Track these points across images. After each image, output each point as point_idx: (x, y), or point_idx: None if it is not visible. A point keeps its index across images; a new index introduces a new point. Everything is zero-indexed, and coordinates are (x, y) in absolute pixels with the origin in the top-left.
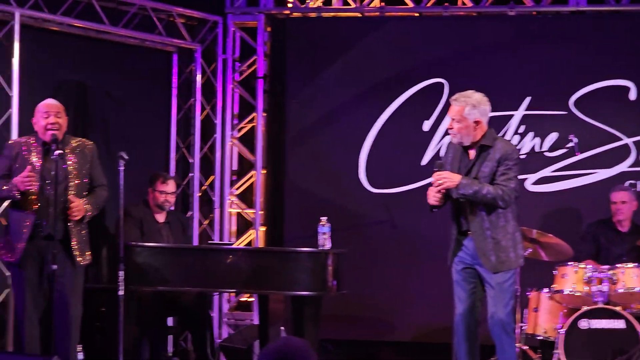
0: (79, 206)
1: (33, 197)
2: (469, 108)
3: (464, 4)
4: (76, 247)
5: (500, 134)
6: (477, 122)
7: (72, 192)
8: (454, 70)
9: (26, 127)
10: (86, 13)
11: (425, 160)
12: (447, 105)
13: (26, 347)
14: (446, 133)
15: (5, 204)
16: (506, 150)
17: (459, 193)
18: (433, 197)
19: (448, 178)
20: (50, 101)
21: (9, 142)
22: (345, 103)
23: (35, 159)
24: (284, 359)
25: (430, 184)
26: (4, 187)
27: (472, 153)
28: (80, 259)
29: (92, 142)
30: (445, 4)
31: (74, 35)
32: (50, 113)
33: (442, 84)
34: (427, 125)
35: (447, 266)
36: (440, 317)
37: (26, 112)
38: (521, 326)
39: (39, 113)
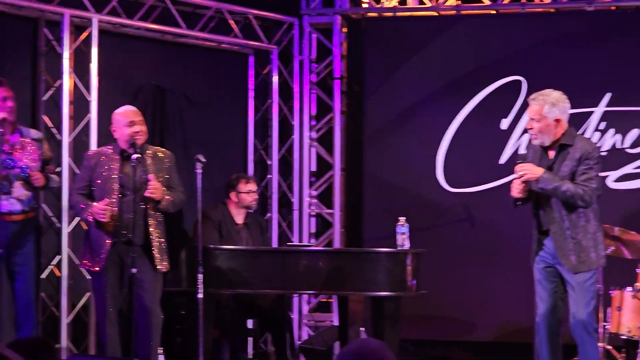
0: (157, 185)
1: (113, 204)
2: (548, 106)
3: (541, 0)
4: (156, 252)
5: (580, 131)
6: (557, 121)
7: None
8: (531, 68)
9: (105, 132)
10: (163, 17)
11: (503, 159)
12: (525, 103)
13: (107, 350)
14: (525, 131)
15: None
16: (586, 149)
17: (539, 187)
18: (516, 189)
19: (530, 170)
20: (132, 109)
21: (88, 152)
22: (423, 102)
23: (114, 166)
24: None
25: (511, 181)
26: (81, 206)
27: (552, 153)
28: (160, 264)
29: (169, 150)
30: (522, 0)
31: (151, 40)
32: (135, 121)
33: (519, 82)
34: (505, 124)
35: (527, 265)
36: (521, 316)
37: (105, 117)
38: (604, 325)
39: (120, 122)
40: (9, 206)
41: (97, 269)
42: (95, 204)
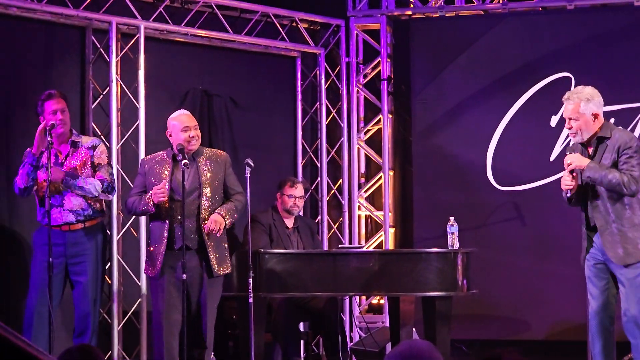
0: (216, 219)
1: (166, 208)
2: (584, 103)
3: None
4: (212, 256)
5: (630, 127)
6: (595, 115)
7: (205, 202)
8: (580, 64)
9: (153, 139)
10: (209, 23)
11: (553, 156)
12: None
13: (165, 356)
14: None
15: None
16: (624, 139)
17: (586, 176)
18: (565, 182)
19: (577, 159)
20: (187, 113)
21: (143, 158)
22: (471, 101)
23: (165, 171)
24: None
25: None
26: (141, 203)
27: (591, 149)
28: (217, 268)
29: (225, 152)
30: None
31: (197, 45)
32: (190, 126)
33: (569, 78)
34: (554, 121)
35: (578, 262)
36: (574, 314)
37: (153, 124)
38: None
39: (175, 127)
40: (62, 218)
41: (153, 274)
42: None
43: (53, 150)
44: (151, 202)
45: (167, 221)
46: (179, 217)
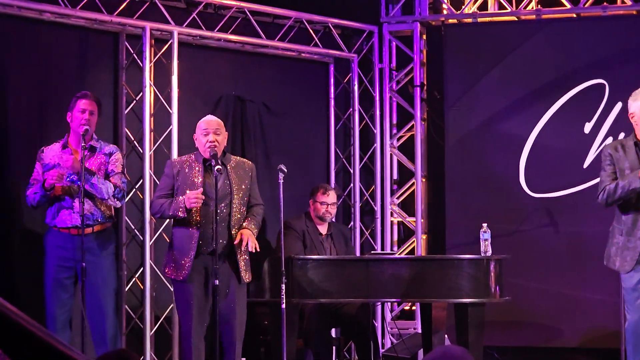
0: (250, 239)
1: (196, 213)
2: None
3: (623, 2)
4: (242, 264)
5: None
6: None
7: (235, 208)
8: (614, 71)
9: (186, 144)
10: (242, 28)
11: (587, 163)
12: (609, 107)
13: None
14: (607, 135)
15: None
16: None
17: None
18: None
19: None
20: (209, 118)
21: (171, 160)
22: (505, 108)
23: (196, 176)
24: None
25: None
26: (171, 207)
27: None
28: (245, 275)
29: (251, 161)
30: (604, 3)
31: (231, 51)
32: (209, 130)
33: (603, 85)
34: (588, 128)
35: (611, 269)
36: (607, 321)
37: (186, 129)
38: None
39: (199, 130)
40: (72, 220)
41: (180, 278)
42: (183, 196)
43: (69, 150)
44: (183, 207)
45: (199, 226)
46: (210, 223)
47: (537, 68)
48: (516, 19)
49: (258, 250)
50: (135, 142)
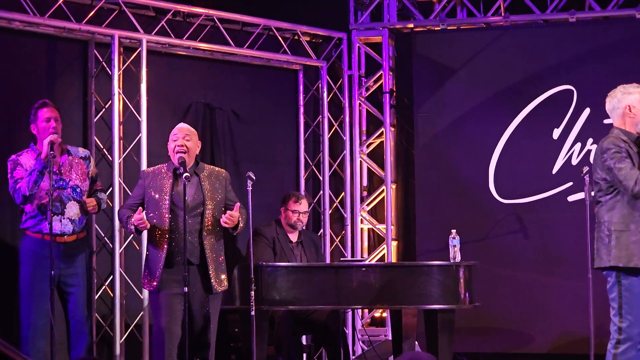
0: (235, 216)
1: (159, 231)
2: None
3: (590, 8)
4: (212, 273)
5: None
6: None
7: (207, 217)
8: (582, 77)
9: (155, 151)
10: (211, 36)
11: (555, 169)
12: (577, 112)
13: None
14: (576, 141)
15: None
16: None
17: None
18: None
19: None
20: (181, 125)
21: (143, 170)
22: (473, 114)
23: (166, 184)
24: None
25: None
26: (126, 218)
27: None
28: (216, 284)
29: (225, 170)
30: (572, 9)
31: (200, 59)
32: (178, 136)
33: (571, 91)
34: (556, 134)
35: (581, 275)
36: (577, 327)
37: (155, 137)
38: None
39: (170, 137)
40: (61, 227)
41: (151, 288)
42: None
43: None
44: (133, 228)
45: (167, 235)
46: (181, 232)
47: (505, 74)
48: (484, 26)
49: (227, 224)
50: (104, 150)
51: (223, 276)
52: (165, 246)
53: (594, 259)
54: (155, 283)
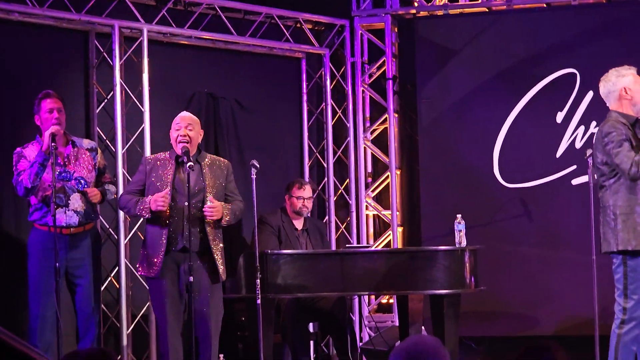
0: (215, 205)
1: (165, 212)
2: None
3: None
4: (219, 261)
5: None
6: None
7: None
8: (585, 60)
9: (159, 142)
10: (213, 25)
11: (559, 153)
12: (580, 96)
13: (171, 358)
14: (579, 124)
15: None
16: None
17: None
18: None
19: None
20: (184, 114)
21: (145, 156)
22: (477, 99)
23: (168, 172)
24: (414, 358)
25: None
26: (137, 206)
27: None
28: (222, 272)
29: (225, 158)
30: None
31: (202, 48)
32: (181, 125)
33: (574, 74)
34: (560, 117)
35: (585, 258)
36: (582, 309)
37: (158, 127)
38: None
39: (173, 125)
40: (66, 219)
41: (152, 275)
42: (150, 196)
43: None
44: (148, 208)
45: (168, 222)
46: (180, 220)
47: (508, 59)
48: (487, 10)
49: (212, 217)
50: (107, 141)
51: (222, 264)
52: (166, 233)
53: (602, 243)
54: (155, 270)
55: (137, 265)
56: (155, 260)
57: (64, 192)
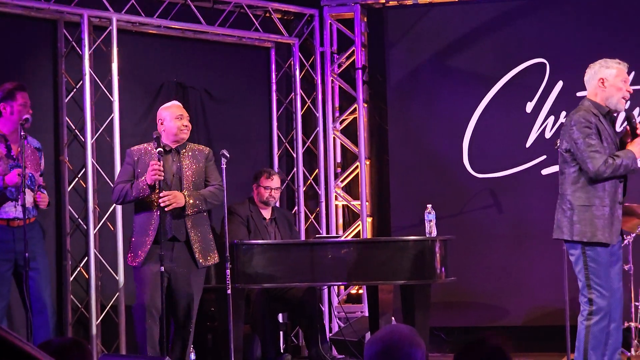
0: (170, 195)
1: (148, 207)
2: None
3: None
4: (197, 248)
5: None
6: None
7: (187, 194)
8: (554, 50)
9: (128, 132)
10: (182, 14)
11: (529, 142)
12: (550, 85)
13: (147, 344)
14: (549, 114)
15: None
16: None
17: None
18: None
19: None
20: (178, 104)
21: (130, 149)
22: (446, 89)
23: (153, 162)
24: (390, 347)
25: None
26: (133, 188)
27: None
28: (202, 260)
29: (208, 148)
30: None
31: (171, 37)
32: (183, 115)
33: (543, 64)
34: (529, 107)
35: (555, 248)
36: (551, 299)
37: (127, 117)
38: (637, 305)
39: (170, 114)
40: (14, 213)
41: (136, 263)
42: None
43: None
44: (145, 184)
45: (154, 212)
46: (164, 209)
47: (478, 49)
48: (456, 0)
49: (166, 205)
50: (76, 131)
51: (211, 253)
52: (153, 223)
53: (554, 229)
54: (140, 259)
55: (128, 256)
56: (143, 249)
57: (16, 186)
